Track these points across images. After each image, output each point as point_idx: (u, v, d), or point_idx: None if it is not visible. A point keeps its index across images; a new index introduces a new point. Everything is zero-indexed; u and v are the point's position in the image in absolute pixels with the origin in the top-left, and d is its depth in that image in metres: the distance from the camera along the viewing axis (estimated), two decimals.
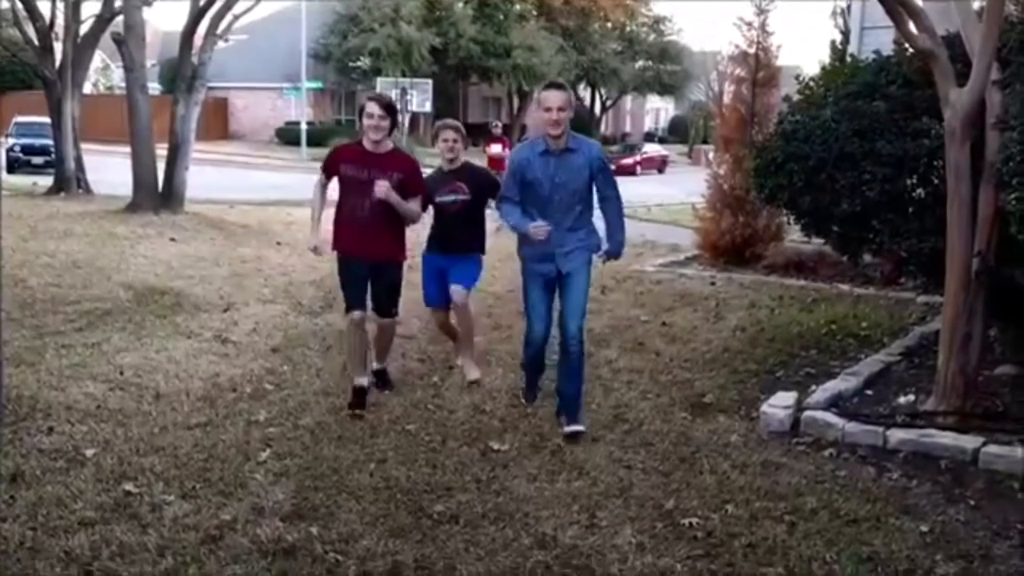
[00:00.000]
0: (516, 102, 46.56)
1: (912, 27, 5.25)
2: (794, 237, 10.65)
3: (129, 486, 4.19)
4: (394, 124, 5.34)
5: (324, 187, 5.56)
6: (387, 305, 5.56)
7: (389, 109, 5.31)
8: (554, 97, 4.89)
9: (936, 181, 6.02)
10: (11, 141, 25.03)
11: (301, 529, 3.83)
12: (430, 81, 26.16)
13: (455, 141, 5.80)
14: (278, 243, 12.50)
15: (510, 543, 3.78)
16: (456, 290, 5.83)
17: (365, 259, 5.36)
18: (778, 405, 5.37)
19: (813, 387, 5.79)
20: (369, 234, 5.30)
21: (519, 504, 4.14)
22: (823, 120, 6.38)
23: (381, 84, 23.34)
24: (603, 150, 5.28)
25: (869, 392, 5.75)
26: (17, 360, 6.03)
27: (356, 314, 5.42)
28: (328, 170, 5.49)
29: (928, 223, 5.87)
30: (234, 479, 4.32)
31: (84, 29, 18.41)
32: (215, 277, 9.50)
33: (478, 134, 38.59)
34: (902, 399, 5.57)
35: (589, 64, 45.99)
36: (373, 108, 5.23)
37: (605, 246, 5.27)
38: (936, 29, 5.23)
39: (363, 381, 5.48)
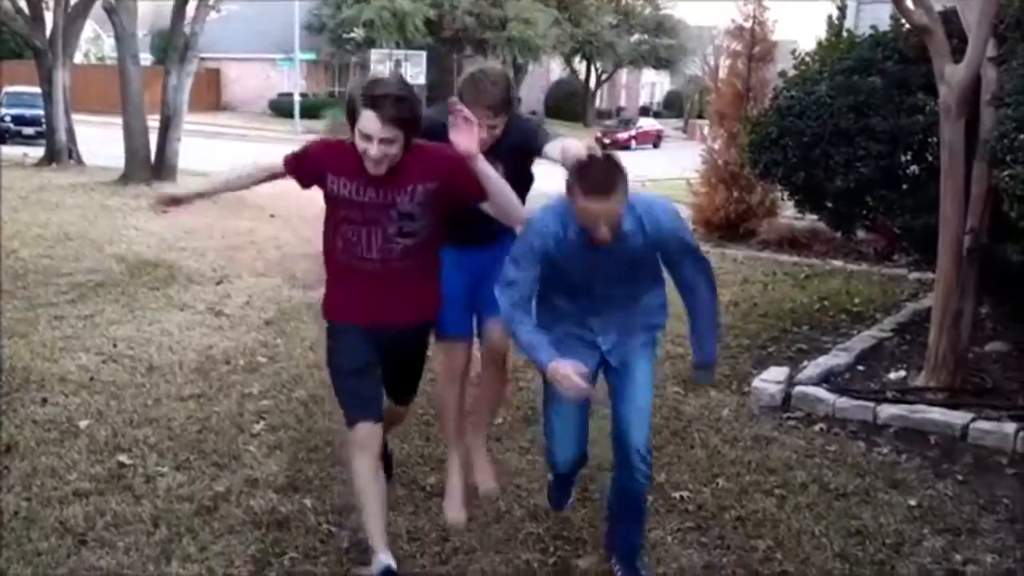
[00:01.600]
0: (511, 75, 46.37)
1: (908, 2, 5.23)
2: (788, 213, 10.66)
3: (123, 457, 4.20)
4: (413, 133, 3.00)
5: (271, 177, 3.36)
6: (407, 389, 3.60)
7: (403, 124, 2.93)
8: (604, 210, 2.86)
9: (930, 158, 6.04)
10: (2, 111, 24.83)
11: (295, 501, 3.85)
12: (424, 53, 25.96)
13: (492, 127, 3.34)
14: (271, 215, 12.47)
15: (502, 515, 3.80)
16: (494, 328, 3.60)
17: (382, 330, 3.22)
18: (770, 380, 5.40)
19: (805, 362, 5.82)
20: (386, 289, 3.16)
21: (511, 477, 4.16)
22: (818, 95, 6.39)
23: (375, 55, 23.17)
24: (676, 215, 3.19)
25: (860, 368, 5.78)
26: (10, 332, 6.03)
27: (365, 429, 3.16)
28: (304, 171, 3.23)
29: (921, 199, 5.89)
30: (228, 451, 4.33)
31: None
32: (208, 249, 9.48)
33: None
34: (893, 375, 5.61)
35: (584, 37, 45.70)
36: (372, 125, 2.90)
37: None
38: (933, 4, 5.22)
39: (388, 560, 3.15)
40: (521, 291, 3.07)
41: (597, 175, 2.87)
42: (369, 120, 2.90)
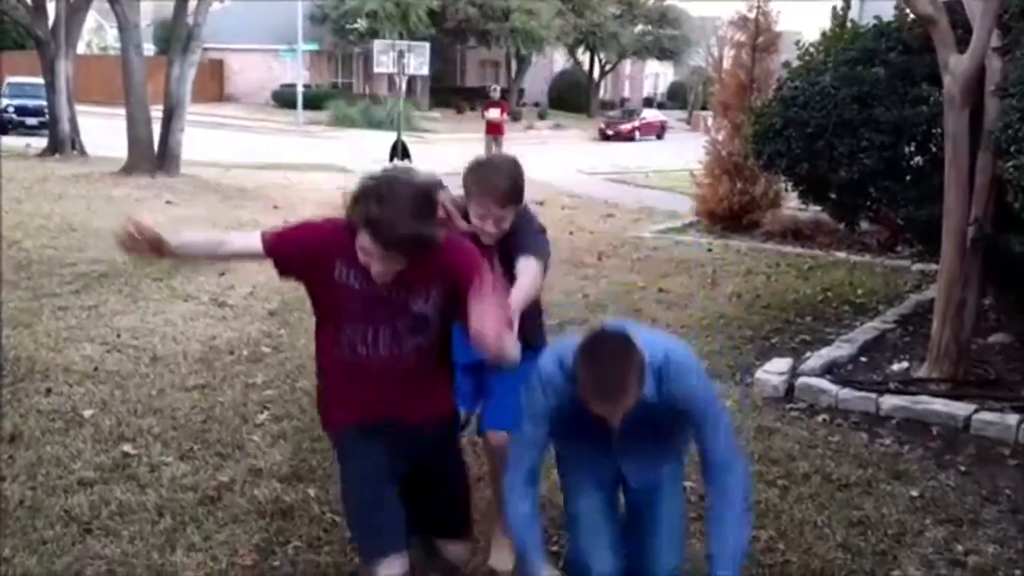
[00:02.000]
0: (514, 66, 46.26)
1: None
2: (792, 204, 10.66)
3: (127, 447, 4.22)
4: (425, 252, 2.48)
5: (245, 257, 3.02)
6: (454, 518, 2.90)
7: (411, 252, 2.45)
8: (614, 411, 2.43)
9: (934, 148, 6.02)
10: (4, 102, 24.83)
11: (299, 490, 3.86)
12: (427, 44, 25.82)
13: (500, 219, 2.97)
14: (275, 206, 12.47)
15: None
16: (495, 436, 3.26)
17: (396, 430, 2.65)
18: (773, 371, 5.40)
19: (808, 354, 5.82)
20: (394, 386, 2.64)
21: None
22: (822, 86, 6.36)
23: (378, 46, 23.08)
24: (696, 375, 2.63)
25: (863, 359, 5.79)
26: (14, 322, 6.04)
27: (395, 569, 2.53)
28: (294, 256, 2.63)
29: (925, 190, 5.88)
30: (232, 441, 4.35)
31: None
32: None
33: (476, 98, 38.38)
34: (896, 366, 5.61)
35: (588, 28, 45.56)
36: (372, 248, 2.42)
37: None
38: None
39: None
40: (532, 455, 2.63)
41: (605, 376, 2.38)
42: (368, 242, 2.41)
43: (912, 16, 5.75)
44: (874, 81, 6.16)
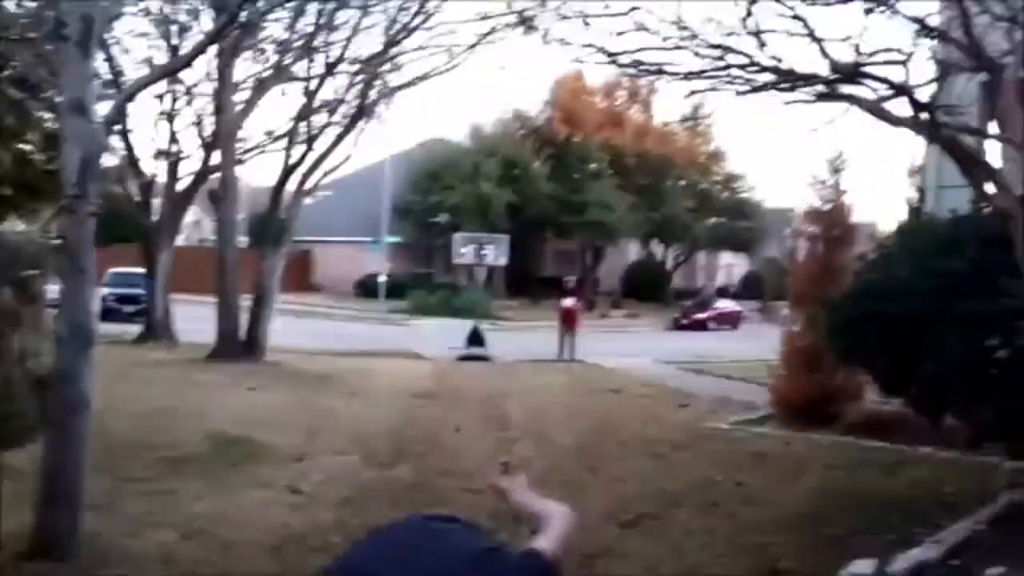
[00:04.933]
0: (589, 256, 47.31)
1: (990, 186, 5.29)
2: (874, 397, 10.41)
3: None
4: None
5: None
6: None
7: None
8: None
9: (1022, 342, 5.91)
10: (106, 291, 26.17)
11: None
12: (506, 236, 26.70)
13: None
14: (352, 393, 12.68)
15: None
16: None
17: None
18: (857, 573, 5.15)
19: (894, 555, 5.53)
20: None
21: None
22: (899, 279, 6.38)
23: (459, 239, 23.95)
24: None
25: (955, 561, 5.48)
26: (94, 505, 6.13)
27: None
28: None
29: (1013, 384, 5.73)
30: None
31: (181, 186, 19.53)
32: (290, 427, 9.63)
33: (552, 288, 39.15)
34: (992, 570, 5.29)
35: (662, 220, 46.64)
36: None
37: None
38: (1014, 188, 5.26)
39: None
40: None
41: None
42: None
43: (989, 209, 5.80)
44: (952, 274, 6.16)
